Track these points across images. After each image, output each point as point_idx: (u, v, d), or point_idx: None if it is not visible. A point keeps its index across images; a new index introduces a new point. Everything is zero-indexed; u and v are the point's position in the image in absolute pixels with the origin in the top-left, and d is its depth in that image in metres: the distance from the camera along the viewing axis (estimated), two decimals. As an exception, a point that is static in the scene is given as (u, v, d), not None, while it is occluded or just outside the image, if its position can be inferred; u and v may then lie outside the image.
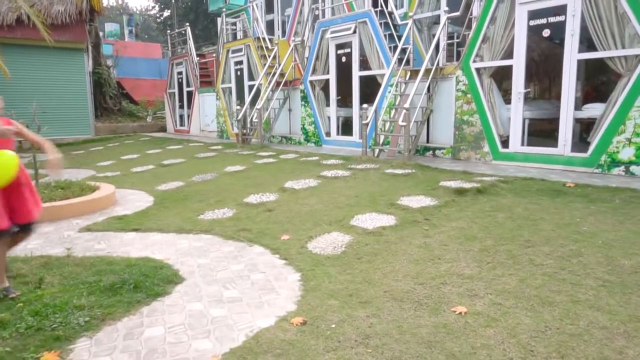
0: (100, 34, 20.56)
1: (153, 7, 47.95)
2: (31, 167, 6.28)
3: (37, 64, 14.40)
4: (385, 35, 9.69)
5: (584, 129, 7.80)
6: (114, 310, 2.95)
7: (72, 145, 14.43)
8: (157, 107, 21.56)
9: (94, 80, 17.04)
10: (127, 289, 3.24)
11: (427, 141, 9.07)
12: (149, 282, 3.35)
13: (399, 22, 10.51)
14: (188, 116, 17.15)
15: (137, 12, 50.69)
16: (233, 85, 14.46)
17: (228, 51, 14.39)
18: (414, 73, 8.88)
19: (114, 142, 14.95)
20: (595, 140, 6.58)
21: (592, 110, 7.13)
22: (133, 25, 31.67)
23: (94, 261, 3.86)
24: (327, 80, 11.11)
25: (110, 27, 28.91)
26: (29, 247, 4.37)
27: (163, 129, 18.89)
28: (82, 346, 2.56)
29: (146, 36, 46.97)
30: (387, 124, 9.21)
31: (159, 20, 46.01)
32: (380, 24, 9.79)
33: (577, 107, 7.22)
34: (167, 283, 3.41)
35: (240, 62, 13.95)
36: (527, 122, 7.63)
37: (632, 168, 6.25)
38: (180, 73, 17.30)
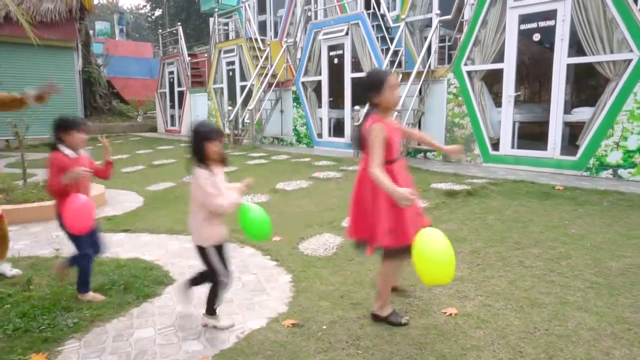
0: (91, 32, 20.38)
1: (144, 6, 47.70)
2: (19, 166, 6.21)
3: (25, 62, 14.22)
4: (377, 38, 9.73)
5: (573, 132, 7.91)
6: (103, 311, 2.92)
7: (61, 145, 14.27)
8: (147, 107, 21.42)
9: (84, 79, 16.89)
10: (116, 290, 3.21)
11: (418, 143, 9.12)
12: (139, 284, 3.32)
13: (391, 24, 10.56)
14: (179, 116, 17.06)
15: (128, 10, 50.34)
16: (225, 85, 14.42)
17: (220, 51, 14.35)
18: (406, 75, 8.92)
19: (103, 141, 14.79)
20: (584, 144, 6.66)
21: (581, 114, 7.23)
22: (124, 24, 31.46)
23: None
24: (319, 82, 11.13)
25: (100, 25, 28.68)
26: (17, 247, 4.31)
27: (154, 129, 18.76)
28: (70, 348, 2.53)
29: (137, 35, 46.66)
30: (379, 126, 9.23)
31: (150, 19, 45.75)
32: (373, 26, 9.82)
33: (567, 111, 7.30)
34: (157, 284, 3.38)
35: (232, 63, 13.92)
36: (517, 125, 7.71)
37: (620, 171, 6.34)
38: (171, 73, 17.21)
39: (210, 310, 2.75)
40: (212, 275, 2.68)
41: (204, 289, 3.31)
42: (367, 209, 2.61)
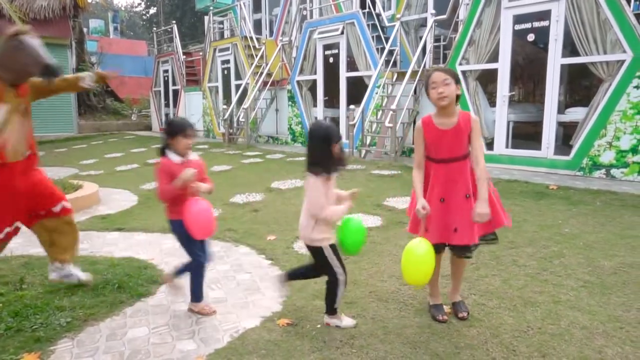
0: (85, 30, 20.26)
1: (139, 4, 47.47)
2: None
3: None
4: (372, 37, 9.74)
5: (567, 132, 7.95)
6: (97, 310, 2.91)
7: (55, 143, 14.19)
8: (142, 106, 21.34)
9: (78, 77, 16.76)
10: (110, 289, 3.20)
11: (414, 143, 9.13)
12: (133, 283, 3.31)
13: (387, 24, 10.58)
14: (174, 115, 16.99)
15: (123, 8, 50.05)
16: (220, 84, 14.38)
17: (215, 50, 14.31)
18: (401, 75, 8.94)
19: (97, 140, 14.74)
20: (577, 144, 6.71)
21: (575, 114, 7.27)
22: (118, 22, 31.29)
23: (76, 261, 3.80)
24: (315, 81, 11.13)
25: (94, 23, 28.51)
26: (10, 246, 4.28)
27: (148, 128, 18.70)
28: (63, 347, 2.52)
29: (132, 33, 46.40)
30: (374, 125, 9.25)
31: (145, 17, 45.55)
32: (368, 25, 9.84)
33: (561, 111, 7.34)
34: (151, 283, 3.37)
35: (227, 61, 13.88)
36: (511, 124, 7.74)
37: (613, 171, 6.38)
38: (166, 71, 17.14)
39: (331, 310, 2.69)
40: (327, 274, 2.67)
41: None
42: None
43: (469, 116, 2.58)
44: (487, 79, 8.40)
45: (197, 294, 2.92)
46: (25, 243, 4.43)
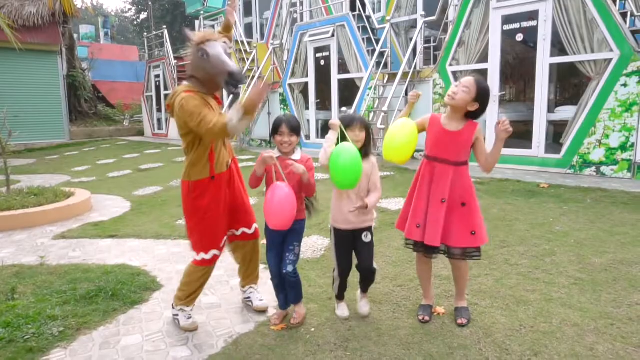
0: (75, 36, 20.16)
1: (129, 9, 47.32)
2: (2, 173, 6.11)
3: (8, 67, 14.02)
4: (363, 39, 9.77)
5: (557, 130, 8.01)
6: (90, 319, 2.89)
7: (46, 150, 14.10)
8: (134, 111, 21.25)
9: (69, 83, 16.70)
10: (103, 297, 3.18)
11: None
12: (126, 290, 3.29)
13: (377, 25, 10.62)
14: (166, 120, 16.93)
15: (113, 14, 49.87)
16: (212, 88, 14.34)
17: (206, 54, 14.27)
18: (392, 76, 8.98)
19: (89, 146, 14.65)
20: (567, 142, 6.76)
21: (565, 112, 7.33)
22: (109, 28, 31.12)
23: (68, 269, 3.78)
24: (306, 84, 11.14)
25: (85, 29, 28.35)
26: (0, 255, 4.25)
27: (140, 133, 18.61)
28: (56, 357, 2.51)
29: (122, 38, 46.22)
30: (366, 127, 9.27)
31: (135, 22, 45.40)
32: (358, 27, 9.87)
33: (550, 110, 7.41)
34: (144, 290, 3.36)
35: (219, 65, 13.86)
36: (502, 124, 7.78)
37: (603, 169, 6.45)
38: (157, 76, 17.08)
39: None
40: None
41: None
42: None
43: (475, 127, 2.62)
44: (478, 79, 8.44)
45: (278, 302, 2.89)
46: (17, 252, 4.40)
